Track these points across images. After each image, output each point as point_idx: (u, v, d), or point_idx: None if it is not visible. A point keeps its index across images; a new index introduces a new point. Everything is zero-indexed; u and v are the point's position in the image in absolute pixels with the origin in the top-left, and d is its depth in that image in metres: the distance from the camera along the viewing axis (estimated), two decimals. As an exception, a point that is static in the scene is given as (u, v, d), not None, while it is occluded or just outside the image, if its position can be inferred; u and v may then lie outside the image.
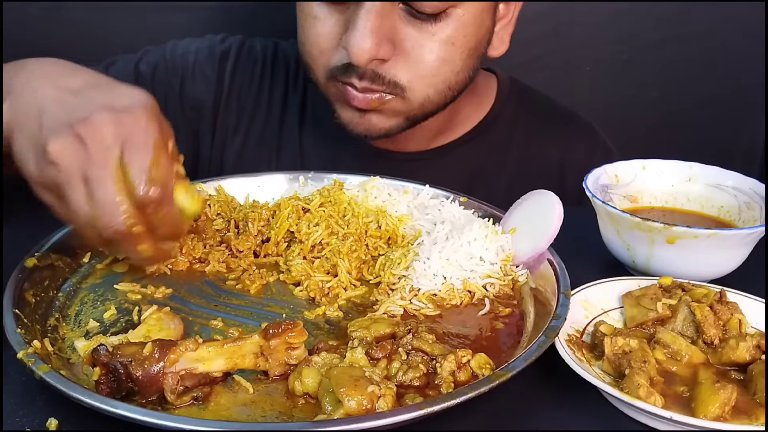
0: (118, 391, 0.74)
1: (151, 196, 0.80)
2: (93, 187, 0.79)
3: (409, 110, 1.18)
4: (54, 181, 0.80)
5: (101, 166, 0.79)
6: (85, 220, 0.80)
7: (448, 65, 1.15)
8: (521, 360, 0.75)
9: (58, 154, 0.79)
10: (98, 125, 0.80)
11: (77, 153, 0.79)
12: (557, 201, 0.97)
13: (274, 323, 0.79)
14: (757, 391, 0.76)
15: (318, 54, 1.17)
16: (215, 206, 1.11)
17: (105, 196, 0.79)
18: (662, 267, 0.99)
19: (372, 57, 1.09)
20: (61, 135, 0.80)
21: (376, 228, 1.06)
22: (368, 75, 1.12)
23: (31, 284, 0.90)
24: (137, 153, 0.80)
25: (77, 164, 0.79)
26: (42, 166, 0.81)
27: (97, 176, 0.79)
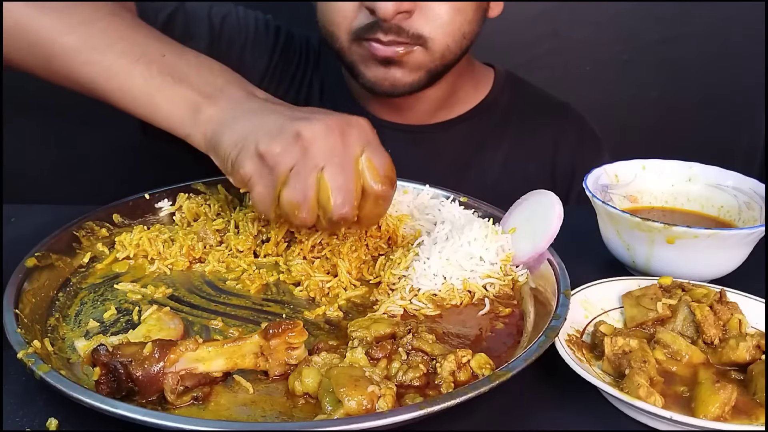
0: (118, 391, 0.74)
1: (382, 191, 0.91)
2: (333, 174, 0.87)
3: (431, 62, 1.27)
4: (286, 164, 0.87)
5: (347, 157, 0.88)
6: (297, 201, 0.88)
7: (462, 14, 1.25)
8: (521, 360, 0.75)
9: (310, 137, 0.87)
10: (354, 124, 0.91)
11: (327, 140, 0.88)
12: (557, 201, 0.97)
13: (274, 323, 0.79)
14: (757, 391, 0.76)
15: (341, 19, 1.24)
16: (215, 206, 1.12)
17: (346, 185, 0.88)
18: (662, 267, 0.99)
19: (397, 10, 1.17)
20: (314, 122, 0.89)
21: (376, 228, 1.06)
22: (393, 29, 1.20)
23: (31, 284, 0.90)
24: (378, 153, 0.91)
25: (322, 154, 0.87)
26: (283, 146, 0.87)
27: (341, 165, 0.88)
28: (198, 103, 0.95)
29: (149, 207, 1.13)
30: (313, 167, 0.88)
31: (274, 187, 0.89)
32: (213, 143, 0.94)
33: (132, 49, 0.98)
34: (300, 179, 0.88)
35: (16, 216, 1.16)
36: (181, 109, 0.96)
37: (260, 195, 0.90)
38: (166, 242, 1.04)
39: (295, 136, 0.88)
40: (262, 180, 0.89)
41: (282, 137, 0.88)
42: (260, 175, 0.89)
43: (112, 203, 1.10)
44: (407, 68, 1.26)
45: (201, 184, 1.16)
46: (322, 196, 0.88)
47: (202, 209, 1.11)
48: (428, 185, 1.16)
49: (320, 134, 0.88)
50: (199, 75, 0.98)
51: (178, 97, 0.96)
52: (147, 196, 1.13)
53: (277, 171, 0.88)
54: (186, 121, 0.96)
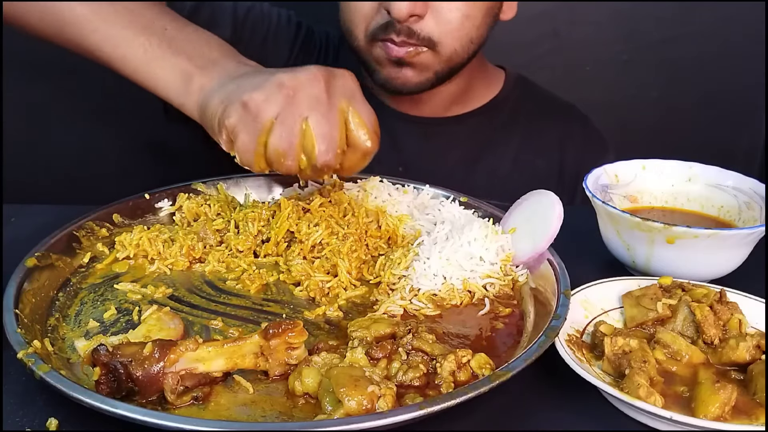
0: (118, 391, 0.74)
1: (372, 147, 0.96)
2: (318, 122, 0.91)
3: (438, 64, 1.34)
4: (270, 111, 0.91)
5: (331, 107, 0.93)
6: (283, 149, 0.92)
7: (470, 20, 1.31)
8: (521, 360, 0.75)
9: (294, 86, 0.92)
10: (338, 75, 0.95)
11: (312, 89, 0.92)
12: (557, 201, 0.97)
13: (274, 323, 0.79)
14: (757, 391, 0.76)
15: (361, 19, 1.32)
16: (215, 206, 1.12)
17: (331, 133, 0.92)
18: (662, 267, 0.99)
19: (410, 12, 1.24)
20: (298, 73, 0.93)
21: (376, 228, 1.06)
22: (405, 31, 1.27)
23: (31, 284, 0.90)
24: (364, 107, 0.96)
25: (307, 102, 0.92)
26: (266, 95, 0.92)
27: (326, 114, 0.92)
28: (191, 73, 1.01)
29: (149, 207, 1.13)
30: (298, 115, 0.91)
31: (258, 135, 0.92)
32: (203, 108, 0.98)
33: (137, 21, 1.05)
34: (285, 127, 0.91)
35: (16, 216, 1.16)
36: (175, 78, 1.01)
37: (244, 143, 0.93)
38: (166, 242, 1.04)
39: (279, 85, 0.92)
40: (246, 128, 0.92)
41: (265, 86, 0.92)
42: (244, 123, 0.92)
43: (112, 203, 1.10)
44: (417, 69, 1.33)
45: (201, 184, 1.16)
46: (306, 143, 0.92)
47: (202, 209, 1.11)
48: (428, 185, 1.16)
49: (304, 83, 0.92)
50: (196, 48, 1.04)
51: (173, 68, 1.02)
52: (147, 196, 1.13)
53: (261, 118, 0.92)
54: (180, 90, 1.01)
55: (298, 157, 0.93)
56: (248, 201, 1.16)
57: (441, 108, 1.50)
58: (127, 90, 1.12)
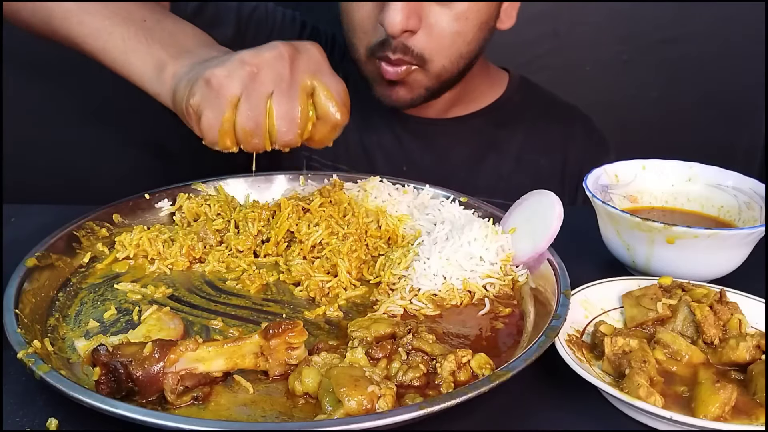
0: (118, 391, 0.74)
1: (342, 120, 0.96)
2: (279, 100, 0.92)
3: (428, 81, 1.35)
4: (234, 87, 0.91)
5: (294, 83, 0.93)
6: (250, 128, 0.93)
7: (461, 37, 1.32)
8: (521, 360, 0.75)
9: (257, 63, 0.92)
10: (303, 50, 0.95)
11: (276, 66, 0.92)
12: (557, 201, 0.97)
13: (274, 323, 0.79)
14: (757, 391, 0.76)
15: (362, 34, 1.33)
16: (215, 206, 1.12)
17: (291, 112, 0.93)
18: (662, 267, 0.99)
19: (403, 28, 1.25)
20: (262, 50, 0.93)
21: (376, 228, 1.06)
22: (400, 48, 1.29)
23: (31, 284, 0.90)
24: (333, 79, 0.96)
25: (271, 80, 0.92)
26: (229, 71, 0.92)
27: (287, 91, 0.92)
28: (164, 62, 1.01)
29: (149, 207, 1.13)
30: (262, 93, 0.92)
31: (221, 112, 0.92)
32: (173, 94, 0.99)
33: (118, 13, 1.07)
34: (251, 105, 0.92)
35: (16, 216, 1.16)
36: (150, 67, 1.02)
37: (208, 119, 0.94)
38: (166, 242, 1.04)
39: (241, 61, 0.92)
40: (209, 104, 0.93)
41: (228, 63, 0.93)
42: (207, 99, 0.93)
43: (112, 203, 1.10)
44: (408, 87, 1.36)
45: (201, 184, 1.16)
46: (270, 122, 0.93)
47: (202, 209, 1.11)
48: (428, 185, 1.16)
49: (268, 60, 0.93)
50: (171, 37, 1.05)
51: (148, 57, 1.03)
52: (147, 196, 1.13)
53: (224, 94, 0.92)
54: (153, 80, 1.02)
55: (265, 135, 0.94)
56: (248, 201, 1.16)
57: (443, 109, 1.51)
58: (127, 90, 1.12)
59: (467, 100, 1.53)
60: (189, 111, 0.95)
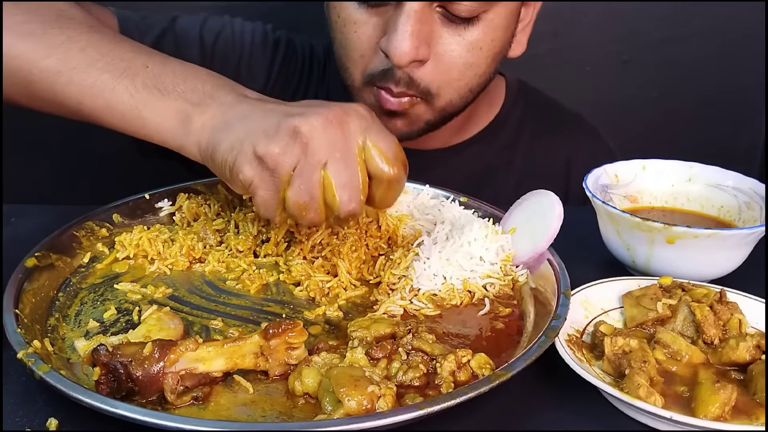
0: (118, 391, 0.74)
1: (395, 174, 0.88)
2: (337, 170, 0.85)
3: (431, 114, 1.23)
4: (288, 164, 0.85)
5: (349, 150, 0.86)
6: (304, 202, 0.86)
7: (473, 70, 1.20)
8: (521, 360, 0.75)
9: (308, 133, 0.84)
10: (351, 112, 0.88)
11: (327, 134, 0.85)
12: (557, 201, 0.97)
13: (274, 323, 0.79)
14: (757, 391, 0.76)
15: (358, 58, 1.19)
16: (215, 206, 1.12)
17: (351, 180, 0.86)
18: (662, 267, 0.99)
19: (412, 59, 1.11)
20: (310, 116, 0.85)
21: (376, 228, 1.06)
22: (405, 80, 1.16)
23: (31, 284, 0.90)
24: (382, 136, 0.89)
25: (324, 149, 0.85)
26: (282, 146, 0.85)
27: (344, 159, 0.85)
28: (188, 113, 0.92)
29: (149, 207, 1.13)
30: (316, 164, 0.85)
31: (277, 190, 0.86)
32: (209, 152, 0.90)
33: (115, 65, 0.94)
34: (304, 179, 0.85)
35: (16, 216, 1.16)
36: (171, 120, 0.92)
37: (263, 199, 0.87)
38: (166, 242, 1.04)
39: (293, 133, 0.85)
40: (264, 183, 0.86)
41: (279, 136, 0.85)
42: (261, 178, 0.86)
43: (112, 203, 1.10)
44: (408, 119, 1.23)
45: (201, 184, 1.16)
46: (327, 193, 0.86)
47: (202, 209, 1.11)
48: (428, 185, 1.16)
49: (318, 128, 0.85)
50: (186, 83, 0.94)
51: (167, 109, 0.93)
52: (147, 196, 1.13)
53: (279, 172, 0.85)
54: (177, 132, 0.92)
55: (321, 208, 0.87)
56: (249, 202, 1.15)
57: (442, 139, 1.40)
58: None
59: (468, 124, 1.42)
60: (238, 184, 0.88)
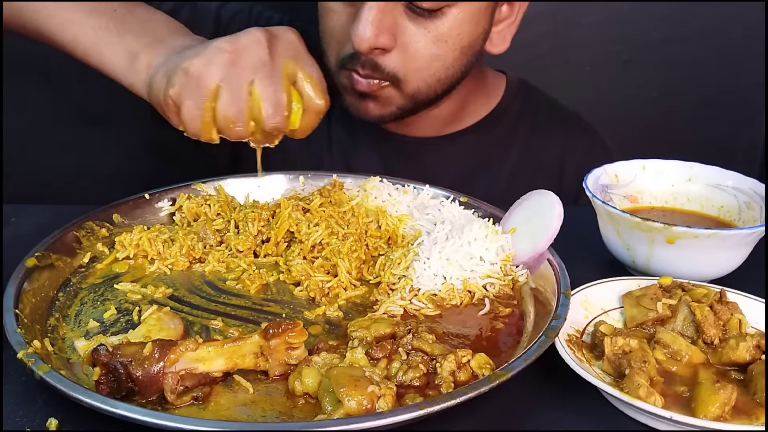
0: (118, 391, 0.74)
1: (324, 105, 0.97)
2: (263, 85, 0.92)
3: (401, 99, 1.27)
4: (213, 76, 0.91)
5: (275, 68, 0.93)
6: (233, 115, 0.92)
7: (439, 61, 1.23)
8: (521, 360, 0.75)
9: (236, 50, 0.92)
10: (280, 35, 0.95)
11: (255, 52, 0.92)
12: (557, 201, 0.97)
13: (274, 323, 0.79)
14: (757, 391, 0.76)
15: (334, 44, 1.26)
16: (215, 206, 1.11)
17: (276, 95, 0.93)
18: (662, 267, 0.99)
19: (371, 46, 1.17)
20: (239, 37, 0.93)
21: (376, 228, 1.06)
22: (369, 64, 1.21)
23: (31, 284, 0.90)
24: (312, 66, 0.96)
25: (251, 65, 0.92)
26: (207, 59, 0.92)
27: (270, 76, 0.92)
28: (137, 52, 1.00)
29: (149, 207, 1.13)
30: (243, 79, 0.91)
31: (202, 101, 0.92)
32: (149, 85, 0.97)
33: (88, 4, 1.05)
34: (231, 92, 0.91)
35: (16, 216, 1.16)
36: (122, 58, 1.01)
37: (189, 110, 0.93)
38: (166, 242, 1.04)
39: (219, 49, 0.92)
40: (190, 94, 0.92)
41: (206, 52, 0.92)
42: (187, 89, 0.92)
43: (112, 203, 1.10)
44: (379, 102, 1.27)
45: (201, 184, 1.16)
46: (254, 107, 0.92)
47: (202, 209, 1.11)
48: (428, 185, 1.16)
49: (246, 46, 0.92)
50: (143, 26, 1.04)
51: (120, 47, 1.01)
52: (147, 196, 1.13)
53: (204, 83, 0.91)
54: (127, 70, 1.00)
55: (248, 121, 0.93)
56: (248, 201, 1.15)
57: (434, 128, 1.42)
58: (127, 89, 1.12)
59: (462, 115, 1.43)
60: (168, 102, 0.94)
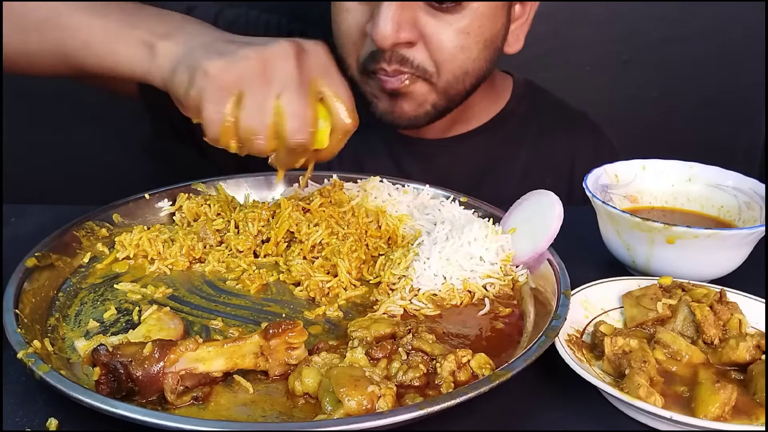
0: (118, 391, 0.74)
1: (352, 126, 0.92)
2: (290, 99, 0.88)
3: (434, 95, 1.26)
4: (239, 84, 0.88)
5: (303, 83, 0.89)
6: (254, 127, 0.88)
7: (465, 52, 1.23)
8: (521, 360, 0.75)
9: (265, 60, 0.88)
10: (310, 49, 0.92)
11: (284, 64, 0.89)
12: (557, 201, 0.97)
13: (274, 323, 0.79)
14: (757, 391, 0.76)
15: (351, 45, 1.24)
16: (215, 206, 1.11)
17: (303, 111, 0.89)
18: (662, 267, 0.99)
19: (394, 41, 1.16)
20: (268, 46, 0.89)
21: (376, 228, 1.06)
22: (396, 58, 1.19)
23: (31, 284, 0.90)
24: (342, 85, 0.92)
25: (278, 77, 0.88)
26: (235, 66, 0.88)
27: (298, 91, 0.88)
28: (153, 42, 0.95)
29: (149, 207, 1.13)
30: (269, 92, 0.88)
31: (224, 106, 0.88)
32: (170, 77, 0.93)
33: (93, 7, 1.01)
34: (256, 103, 0.88)
35: (16, 216, 1.16)
36: (138, 48, 0.96)
37: (209, 113, 0.89)
38: (166, 242, 1.04)
39: (246, 57, 0.88)
40: (210, 98, 0.88)
41: (230, 56, 0.89)
42: (207, 92, 0.88)
43: (112, 203, 1.10)
44: (413, 101, 1.25)
45: (201, 184, 1.16)
46: (279, 122, 0.89)
47: (202, 209, 1.11)
48: (428, 185, 1.16)
49: (275, 58, 0.89)
50: (157, 20, 0.99)
51: (135, 40, 0.97)
52: (147, 196, 1.13)
53: (226, 87, 0.88)
54: (143, 59, 0.96)
55: (270, 136, 0.89)
56: (248, 201, 1.15)
57: (443, 129, 1.41)
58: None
59: (470, 115, 1.43)
60: (189, 102, 0.91)
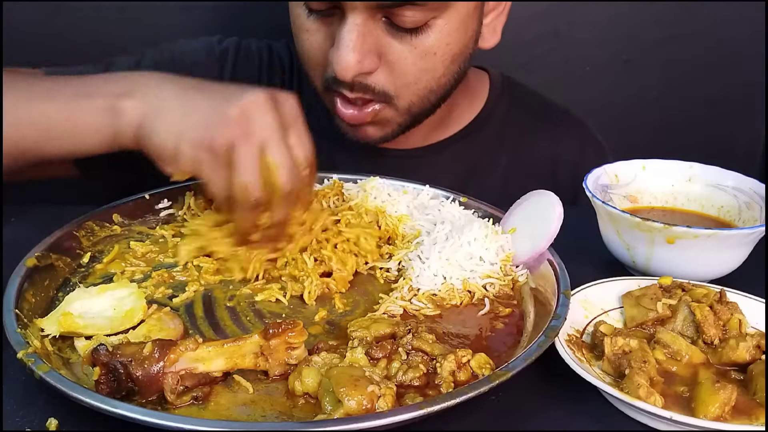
0: (118, 391, 0.74)
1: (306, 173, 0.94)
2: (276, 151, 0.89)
3: (399, 117, 1.21)
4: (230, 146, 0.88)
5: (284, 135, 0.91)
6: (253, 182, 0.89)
7: (429, 74, 1.18)
8: (521, 360, 0.75)
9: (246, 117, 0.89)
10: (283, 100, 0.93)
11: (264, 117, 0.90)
12: (557, 201, 0.97)
13: (274, 323, 0.79)
14: (757, 391, 0.76)
15: (314, 65, 1.20)
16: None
17: (288, 160, 0.91)
18: (662, 267, 0.99)
19: (356, 72, 1.11)
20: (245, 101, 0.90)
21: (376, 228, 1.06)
22: (358, 86, 1.15)
23: (31, 284, 0.90)
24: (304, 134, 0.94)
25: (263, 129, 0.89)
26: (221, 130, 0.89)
27: (279, 141, 0.90)
28: (114, 104, 0.95)
29: (149, 207, 1.13)
30: (255, 147, 0.89)
31: (219, 170, 0.90)
32: (144, 135, 0.94)
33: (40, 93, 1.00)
34: (247, 161, 0.89)
35: (16, 216, 1.16)
36: (101, 116, 0.96)
37: (214, 183, 0.91)
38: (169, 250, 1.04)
39: (229, 118, 0.89)
40: (211, 166, 0.90)
41: (218, 121, 0.89)
42: (208, 162, 0.90)
43: (112, 203, 1.09)
44: (379, 125, 1.22)
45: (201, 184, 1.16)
46: (270, 174, 0.90)
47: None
48: (428, 185, 1.16)
49: (255, 111, 0.90)
50: (108, 83, 1.00)
51: (96, 108, 0.96)
52: (147, 196, 1.13)
53: (220, 154, 0.89)
54: (110, 124, 0.96)
55: (263, 188, 0.90)
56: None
57: (419, 138, 1.34)
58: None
59: (447, 122, 1.37)
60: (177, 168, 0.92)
